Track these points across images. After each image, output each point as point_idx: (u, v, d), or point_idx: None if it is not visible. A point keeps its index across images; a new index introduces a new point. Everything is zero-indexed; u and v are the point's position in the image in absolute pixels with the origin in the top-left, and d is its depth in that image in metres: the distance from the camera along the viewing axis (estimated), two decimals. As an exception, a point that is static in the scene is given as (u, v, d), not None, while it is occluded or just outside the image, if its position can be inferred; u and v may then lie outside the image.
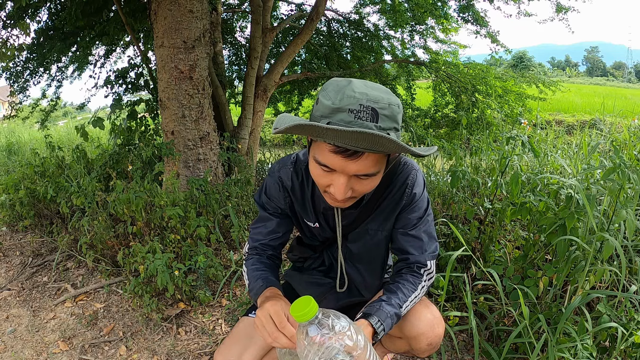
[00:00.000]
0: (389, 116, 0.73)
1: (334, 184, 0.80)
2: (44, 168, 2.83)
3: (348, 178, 0.79)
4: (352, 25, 4.85)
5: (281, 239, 1.10)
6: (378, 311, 0.87)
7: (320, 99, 0.75)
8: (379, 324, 0.85)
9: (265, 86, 3.39)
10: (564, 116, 11.08)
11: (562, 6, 3.84)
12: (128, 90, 3.57)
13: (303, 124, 0.70)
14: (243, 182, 2.68)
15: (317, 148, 0.79)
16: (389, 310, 0.88)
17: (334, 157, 0.75)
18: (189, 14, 2.36)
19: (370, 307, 0.89)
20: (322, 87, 0.77)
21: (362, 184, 0.81)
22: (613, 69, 68.54)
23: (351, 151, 0.74)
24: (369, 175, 0.79)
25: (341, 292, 1.13)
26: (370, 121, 0.72)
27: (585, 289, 1.33)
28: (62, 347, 1.70)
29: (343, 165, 0.76)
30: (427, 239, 1.01)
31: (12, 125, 9.34)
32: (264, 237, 1.08)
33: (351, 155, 0.74)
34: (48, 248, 2.56)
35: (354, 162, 0.75)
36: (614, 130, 2.75)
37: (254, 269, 1.04)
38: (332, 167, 0.78)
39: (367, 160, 0.76)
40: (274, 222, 1.08)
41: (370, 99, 0.72)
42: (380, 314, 0.86)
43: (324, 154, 0.77)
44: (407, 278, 0.98)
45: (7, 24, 3.18)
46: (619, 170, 1.25)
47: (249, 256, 1.09)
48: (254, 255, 1.08)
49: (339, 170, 0.78)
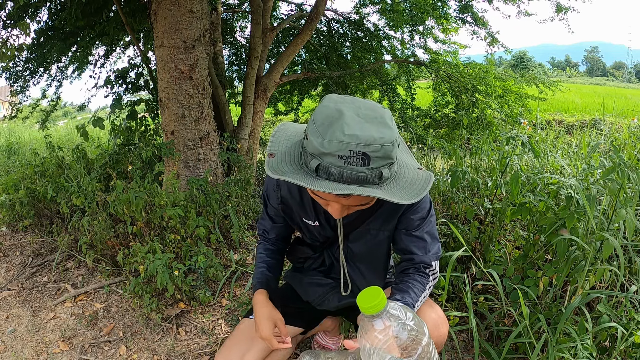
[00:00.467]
0: (381, 157, 0.72)
1: (330, 207, 0.85)
2: (44, 168, 2.83)
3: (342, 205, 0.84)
4: (352, 25, 4.85)
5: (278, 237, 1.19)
6: None
7: (310, 137, 0.73)
8: None
9: (265, 86, 3.39)
10: (564, 116, 11.08)
11: (562, 6, 3.84)
12: (128, 90, 3.57)
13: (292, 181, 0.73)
14: (243, 182, 2.68)
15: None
16: None
17: (327, 194, 0.80)
18: (189, 14, 2.36)
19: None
20: (312, 114, 0.78)
21: (358, 207, 0.86)
22: (613, 69, 68.53)
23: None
24: (363, 204, 0.85)
25: (346, 294, 1.13)
26: (361, 165, 0.71)
27: (585, 288, 1.33)
28: (62, 347, 1.70)
29: (336, 199, 0.81)
30: (431, 240, 1.01)
31: (12, 125, 9.33)
32: (265, 228, 1.18)
33: (341, 196, 0.79)
34: (48, 248, 2.56)
35: (346, 199, 0.80)
36: (614, 130, 2.75)
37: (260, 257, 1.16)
38: (326, 199, 0.83)
39: (357, 197, 0.80)
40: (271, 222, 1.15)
41: (360, 142, 0.69)
42: None
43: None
44: (415, 278, 0.98)
45: (7, 24, 3.18)
46: (618, 170, 1.25)
47: (259, 241, 1.21)
48: (262, 241, 1.19)
49: (333, 201, 0.82)
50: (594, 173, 1.69)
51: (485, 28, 4.18)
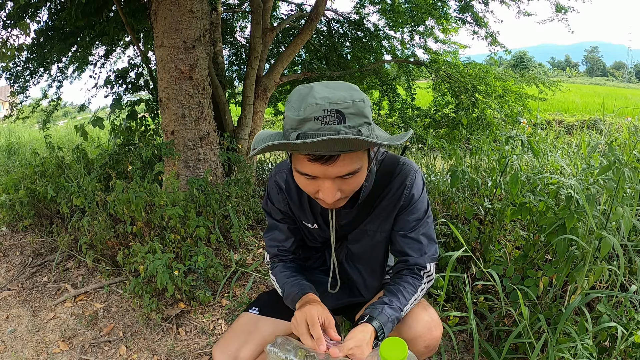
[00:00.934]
0: (355, 113, 0.74)
1: (320, 189, 0.82)
2: (44, 168, 2.83)
3: (332, 181, 0.80)
4: (352, 25, 4.85)
5: (296, 242, 1.10)
6: (380, 314, 0.88)
7: (287, 113, 0.76)
8: (380, 328, 0.87)
9: (265, 86, 3.39)
10: (564, 116, 11.08)
11: (561, 6, 3.84)
12: (128, 90, 3.57)
13: (272, 144, 0.73)
14: (243, 182, 2.68)
15: (295, 159, 0.81)
16: (390, 314, 0.89)
17: (312, 165, 0.77)
18: (189, 14, 2.36)
19: (373, 310, 0.90)
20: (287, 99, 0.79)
21: (348, 182, 0.82)
22: (613, 69, 68.54)
23: (326, 156, 0.75)
24: (352, 173, 0.80)
25: (341, 292, 1.13)
26: (337, 124, 0.72)
27: (585, 288, 1.33)
28: (62, 347, 1.70)
29: (323, 171, 0.78)
30: (427, 242, 1.00)
31: (12, 125, 9.34)
32: (279, 243, 1.09)
33: (327, 160, 0.75)
34: (48, 248, 2.56)
35: (332, 166, 0.77)
36: (614, 130, 2.75)
37: (284, 276, 1.05)
38: (313, 174, 0.79)
39: (345, 161, 0.77)
40: (283, 229, 1.08)
41: (332, 101, 0.72)
42: (381, 318, 0.88)
43: (303, 163, 0.79)
44: (407, 280, 0.98)
45: (7, 24, 3.18)
46: (614, 168, 1.25)
47: (273, 265, 1.10)
48: (277, 263, 1.10)
49: (321, 176, 0.79)
50: (593, 173, 1.69)
51: (485, 28, 4.18)
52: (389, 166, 0.99)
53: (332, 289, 1.12)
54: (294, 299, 0.97)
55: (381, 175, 0.98)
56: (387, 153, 1.02)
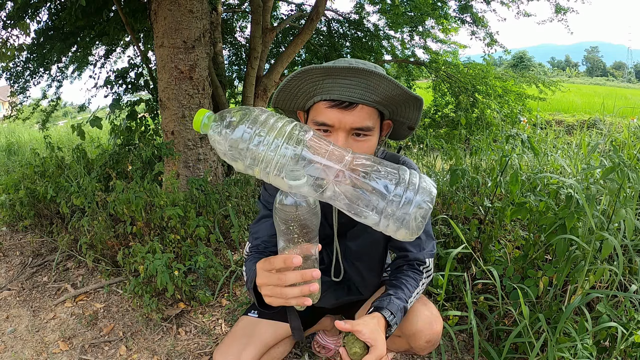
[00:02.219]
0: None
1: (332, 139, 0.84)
2: (44, 168, 2.83)
3: (346, 135, 0.82)
4: (352, 25, 4.86)
5: None
6: (390, 304, 0.88)
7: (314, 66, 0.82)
8: (391, 316, 0.86)
9: (265, 86, 3.39)
10: (564, 116, 11.08)
11: (561, 7, 3.85)
12: (128, 90, 3.57)
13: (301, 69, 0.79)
14: (243, 182, 2.68)
15: (314, 111, 0.85)
16: (398, 304, 0.89)
17: (331, 111, 0.81)
18: (189, 14, 2.36)
19: (381, 301, 0.90)
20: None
21: (359, 145, 0.84)
22: (613, 69, 68.56)
23: (346, 103, 0.80)
24: (365, 130, 0.83)
25: (339, 290, 1.13)
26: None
27: (585, 288, 1.33)
28: (62, 347, 1.70)
29: (340, 118, 0.81)
30: (425, 238, 1.02)
31: (12, 125, 9.33)
32: (264, 233, 1.04)
33: (347, 107, 0.80)
34: (48, 248, 2.56)
35: (350, 114, 0.81)
36: (614, 130, 2.75)
37: (251, 264, 0.95)
38: (330, 122, 0.82)
39: (362, 112, 0.81)
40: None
41: (358, 62, 0.80)
42: (391, 307, 0.88)
43: (321, 112, 0.83)
44: (408, 274, 0.98)
45: (7, 24, 3.18)
46: (618, 170, 1.25)
47: (249, 256, 1.03)
48: (254, 254, 1.03)
49: (337, 124, 0.82)
50: (593, 173, 1.69)
51: (485, 28, 4.18)
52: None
53: (336, 277, 1.10)
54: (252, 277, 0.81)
55: None
56: (388, 152, 1.03)
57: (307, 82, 0.82)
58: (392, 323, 0.85)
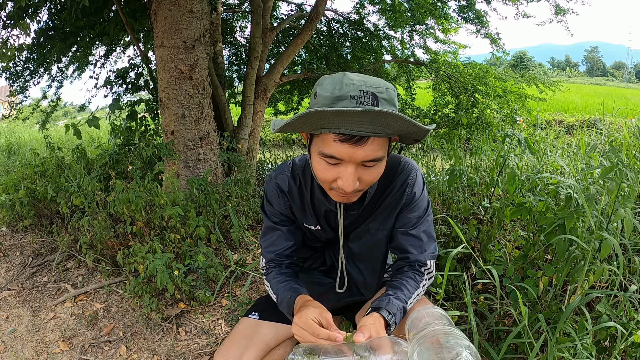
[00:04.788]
0: (387, 99, 0.76)
1: (341, 176, 0.80)
2: (44, 168, 2.83)
3: (355, 167, 0.79)
4: (352, 25, 4.86)
5: (294, 246, 1.08)
6: (388, 304, 0.88)
7: (319, 92, 0.77)
8: (390, 316, 0.86)
9: (265, 86, 3.39)
10: (564, 116, 11.09)
11: (561, 8, 3.85)
12: (128, 90, 3.57)
13: (310, 111, 0.71)
14: (243, 182, 2.68)
15: (321, 141, 0.79)
16: (397, 304, 0.89)
17: (341, 146, 0.75)
18: (189, 14, 2.36)
19: (380, 301, 0.89)
20: (317, 82, 0.79)
21: (369, 172, 0.81)
22: (613, 69, 68.59)
23: (357, 137, 0.74)
24: (376, 160, 0.79)
25: (341, 291, 1.13)
26: (371, 105, 0.73)
27: (585, 288, 1.33)
28: (62, 347, 1.70)
29: (350, 153, 0.76)
30: (427, 239, 1.01)
31: (12, 125, 9.34)
32: (277, 248, 1.06)
33: (358, 141, 0.74)
34: (48, 248, 2.56)
35: (361, 148, 0.76)
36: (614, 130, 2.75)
37: (277, 282, 1.02)
38: (340, 156, 0.77)
39: (373, 145, 0.76)
40: (282, 232, 1.06)
41: (368, 84, 0.75)
42: (390, 307, 0.87)
43: (330, 144, 0.77)
44: (409, 275, 0.98)
45: (7, 24, 3.18)
46: (616, 170, 1.25)
47: (267, 270, 1.07)
48: (273, 268, 1.07)
49: (347, 159, 0.77)
50: (592, 173, 1.69)
51: (486, 28, 4.18)
52: (391, 165, 0.99)
53: (340, 289, 1.11)
54: (288, 303, 0.95)
55: (384, 173, 0.98)
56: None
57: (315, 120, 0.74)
58: (391, 322, 0.85)
